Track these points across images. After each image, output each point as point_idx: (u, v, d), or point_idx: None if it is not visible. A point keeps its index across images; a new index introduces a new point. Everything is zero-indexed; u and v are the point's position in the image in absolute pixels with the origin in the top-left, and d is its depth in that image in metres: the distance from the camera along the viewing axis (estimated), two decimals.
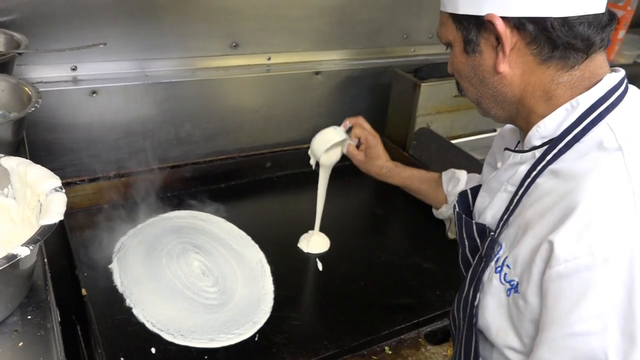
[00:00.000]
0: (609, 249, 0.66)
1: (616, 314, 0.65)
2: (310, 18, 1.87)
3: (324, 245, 1.54)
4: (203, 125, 1.80)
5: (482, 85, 0.85)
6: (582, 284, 0.67)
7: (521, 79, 0.80)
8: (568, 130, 0.77)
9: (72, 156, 1.61)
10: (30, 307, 0.82)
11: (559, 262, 0.69)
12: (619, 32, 2.14)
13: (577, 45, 0.75)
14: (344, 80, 2.01)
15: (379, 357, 1.22)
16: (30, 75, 1.51)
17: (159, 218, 1.55)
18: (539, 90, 0.79)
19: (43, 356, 0.74)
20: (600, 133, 0.75)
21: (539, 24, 0.74)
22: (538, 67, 0.78)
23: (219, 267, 1.40)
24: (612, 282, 0.65)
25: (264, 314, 1.28)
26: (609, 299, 0.66)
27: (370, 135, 1.47)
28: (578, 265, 0.67)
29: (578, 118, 0.76)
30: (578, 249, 0.67)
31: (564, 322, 0.68)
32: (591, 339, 0.67)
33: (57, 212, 0.76)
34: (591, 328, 0.67)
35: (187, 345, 1.16)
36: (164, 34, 1.65)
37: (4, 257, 0.67)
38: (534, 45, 0.76)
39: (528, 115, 0.83)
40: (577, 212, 0.68)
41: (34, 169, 0.86)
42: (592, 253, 0.66)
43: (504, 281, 0.81)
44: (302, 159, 1.94)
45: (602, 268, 0.66)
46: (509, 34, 0.76)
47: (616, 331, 0.65)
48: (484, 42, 0.80)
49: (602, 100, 0.76)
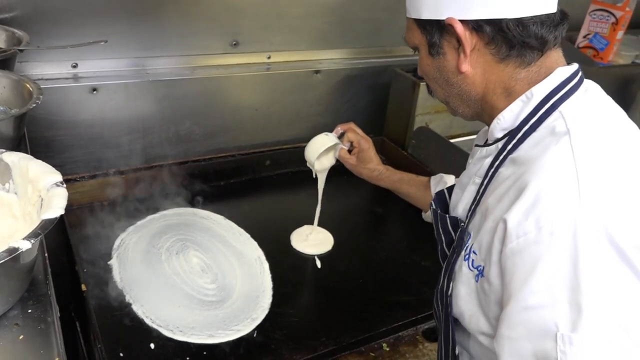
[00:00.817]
0: (554, 223, 0.68)
1: (564, 285, 0.67)
2: (311, 17, 1.88)
3: (325, 244, 1.54)
4: (203, 123, 1.81)
5: (447, 85, 0.89)
6: (531, 259, 0.70)
7: (482, 77, 0.85)
8: (525, 120, 0.81)
9: (72, 153, 1.62)
10: (30, 301, 0.82)
11: (512, 240, 0.72)
12: (617, 32, 2.15)
13: (531, 44, 0.80)
14: (343, 79, 2.01)
15: (376, 353, 1.23)
16: (31, 72, 1.52)
17: (158, 215, 1.55)
18: (500, 87, 0.84)
19: (43, 349, 0.75)
20: (554, 121, 0.79)
21: (496, 25, 0.79)
22: (497, 65, 0.83)
23: (218, 264, 1.41)
24: (558, 255, 0.68)
25: (263, 311, 1.29)
26: (556, 271, 0.68)
27: (362, 139, 1.50)
28: (527, 241, 0.70)
29: (534, 109, 0.81)
30: (527, 225, 0.70)
31: (518, 297, 0.71)
32: (543, 311, 0.68)
33: (58, 207, 0.77)
34: (542, 301, 0.68)
35: (186, 341, 1.17)
36: (164, 32, 1.66)
37: (5, 251, 0.68)
38: (492, 45, 0.81)
39: (491, 111, 0.87)
40: (526, 191, 0.72)
41: (35, 164, 0.87)
42: (540, 228, 0.69)
43: (472, 267, 0.84)
44: (302, 157, 1.94)
45: (548, 242, 0.68)
46: (468, 35, 0.81)
47: (565, 302, 0.67)
48: (447, 45, 0.85)
49: (556, 90, 0.80)
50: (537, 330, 0.69)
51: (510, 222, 0.72)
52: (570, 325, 0.66)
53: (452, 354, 0.93)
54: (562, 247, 0.67)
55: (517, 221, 0.71)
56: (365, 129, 2.11)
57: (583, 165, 0.71)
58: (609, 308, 0.66)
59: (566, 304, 0.67)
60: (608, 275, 0.66)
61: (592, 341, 0.65)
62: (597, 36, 2.19)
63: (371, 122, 2.12)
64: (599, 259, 0.66)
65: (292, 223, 1.61)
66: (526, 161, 0.77)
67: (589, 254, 0.66)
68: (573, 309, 0.66)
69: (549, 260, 0.68)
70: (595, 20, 2.19)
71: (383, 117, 2.09)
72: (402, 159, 1.99)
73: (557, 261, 0.68)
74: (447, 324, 0.92)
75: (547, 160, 0.73)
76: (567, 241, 0.67)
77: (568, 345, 0.66)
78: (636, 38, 2.42)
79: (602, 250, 0.66)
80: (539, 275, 0.69)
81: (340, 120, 2.06)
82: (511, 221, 0.72)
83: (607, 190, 0.69)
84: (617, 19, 2.13)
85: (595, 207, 0.68)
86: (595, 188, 0.69)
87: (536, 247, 0.69)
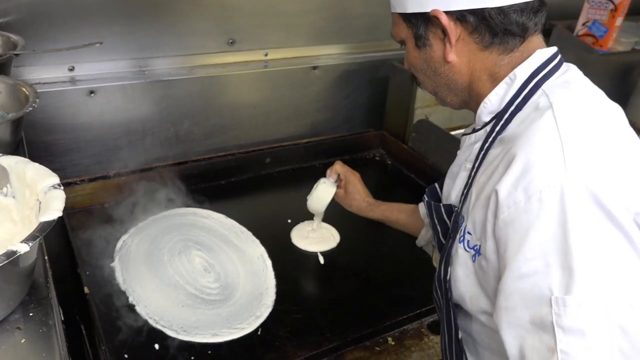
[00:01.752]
0: (542, 190, 0.70)
1: (555, 250, 0.68)
2: (307, 13, 1.87)
3: (329, 242, 1.53)
4: (202, 122, 1.80)
5: (435, 76, 0.92)
6: (522, 227, 0.71)
7: (468, 65, 0.88)
8: (511, 101, 0.84)
9: (71, 156, 1.62)
10: (31, 304, 0.82)
11: (503, 211, 0.73)
12: (616, 19, 2.13)
13: (513, 31, 0.83)
14: (341, 75, 2.01)
15: (382, 348, 1.23)
16: (27, 77, 1.52)
17: (159, 216, 1.55)
18: (485, 74, 0.87)
19: (46, 352, 0.75)
20: (538, 98, 0.82)
21: (478, 15, 0.82)
22: (482, 53, 0.86)
23: (220, 263, 1.41)
24: (548, 221, 0.69)
25: (267, 308, 1.28)
26: (547, 237, 0.69)
27: (349, 172, 1.51)
28: (518, 210, 0.72)
29: (518, 89, 0.84)
30: (517, 195, 0.72)
31: (512, 266, 0.72)
32: (536, 278, 0.70)
33: (55, 209, 0.76)
34: (535, 267, 0.70)
35: (190, 341, 1.17)
36: (161, 32, 1.65)
37: (3, 254, 0.68)
38: (476, 34, 0.84)
39: (478, 98, 0.90)
40: (514, 162, 0.74)
41: (32, 167, 0.86)
42: (529, 197, 0.71)
43: (468, 248, 0.85)
44: (302, 154, 1.95)
45: (537, 209, 0.70)
46: (453, 26, 0.84)
47: (557, 267, 0.68)
48: (433, 36, 0.88)
49: (538, 70, 0.84)
50: (532, 297, 0.70)
51: (501, 194, 0.74)
52: (563, 288, 0.67)
53: (455, 339, 0.93)
54: (551, 213, 0.69)
55: (507, 192, 0.73)
56: (364, 123, 2.12)
57: (567, 134, 0.73)
58: (600, 268, 0.67)
59: (558, 268, 0.68)
60: (597, 236, 0.67)
61: (585, 301, 0.66)
62: (596, 23, 2.17)
63: (370, 116, 2.12)
64: (587, 221, 0.68)
65: (294, 220, 1.61)
66: (513, 138, 0.79)
67: (577, 217, 0.67)
68: (565, 272, 0.67)
69: (539, 227, 0.69)
70: (594, 7, 2.17)
71: (382, 111, 2.08)
72: (402, 152, 1.98)
73: (547, 227, 0.69)
74: (449, 310, 0.92)
75: (532, 133, 0.76)
76: (555, 207, 0.68)
77: (562, 307, 0.67)
78: (635, 24, 2.39)
79: (589, 212, 0.68)
80: (531, 242, 0.70)
81: (339, 115, 2.06)
82: (502, 192, 0.74)
83: (591, 155, 0.71)
84: (615, 6, 2.11)
85: (580, 172, 0.69)
86: (579, 154, 0.71)
87: (526, 215, 0.70)
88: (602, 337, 0.66)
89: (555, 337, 0.67)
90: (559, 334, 0.67)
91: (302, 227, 1.57)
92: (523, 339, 0.72)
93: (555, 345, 0.67)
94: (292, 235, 1.55)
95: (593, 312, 0.66)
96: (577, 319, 0.66)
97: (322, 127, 2.03)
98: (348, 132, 2.07)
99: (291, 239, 1.54)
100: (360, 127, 2.11)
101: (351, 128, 2.09)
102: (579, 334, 0.66)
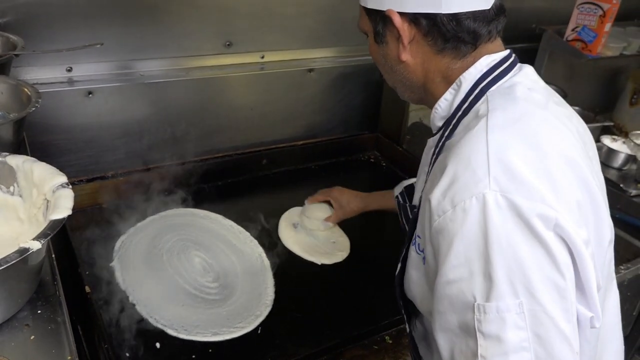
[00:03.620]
0: (466, 200, 0.72)
1: (477, 258, 0.70)
2: (303, 16, 1.89)
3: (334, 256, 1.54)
4: (199, 123, 1.81)
5: (392, 72, 0.94)
6: (449, 235, 0.73)
7: (422, 67, 0.89)
8: (458, 107, 0.86)
9: (69, 157, 1.62)
10: (39, 302, 0.83)
11: (435, 219, 0.76)
12: (605, 25, 2.18)
13: (464, 38, 0.84)
14: (337, 77, 2.02)
15: (379, 346, 1.25)
16: (25, 77, 1.52)
17: (158, 216, 1.56)
18: (438, 76, 0.89)
19: (55, 349, 0.76)
20: (480, 104, 0.83)
21: (431, 20, 0.83)
22: (435, 56, 0.87)
23: (219, 263, 1.42)
24: (470, 230, 0.71)
25: (266, 307, 1.30)
26: (470, 246, 0.71)
27: (331, 191, 1.58)
28: (445, 219, 0.74)
29: (465, 95, 0.85)
30: (444, 204, 0.74)
31: (441, 272, 0.74)
32: (462, 284, 0.72)
33: (65, 207, 0.77)
34: (460, 275, 0.72)
35: (191, 340, 1.18)
36: (158, 34, 1.66)
37: (16, 251, 0.69)
38: (429, 37, 0.85)
39: (433, 98, 0.92)
40: (445, 172, 0.76)
41: (39, 166, 0.87)
42: (454, 206, 0.73)
43: (418, 251, 0.87)
44: (298, 156, 1.97)
45: (461, 219, 0.72)
46: (407, 27, 0.85)
47: (479, 274, 0.70)
48: (389, 34, 0.89)
49: (484, 76, 0.85)
50: (458, 303, 0.73)
51: (432, 202, 0.76)
52: (485, 296, 0.70)
53: (410, 334, 0.99)
54: (473, 222, 0.71)
55: (437, 201, 0.75)
56: (359, 125, 2.14)
57: (493, 145, 0.74)
58: (517, 277, 0.69)
59: (480, 276, 0.70)
60: (516, 246, 0.69)
61: (502, 309, 0.68)
62: (586, 29, 2.22)
63: (365, 118, 2.14)
64: (506, 232, 0.69)
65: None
66: (451, 146, 0.81)
67: (496, 227, 0.69)
68: (486, 280, 0.70)
69: (463, 236, 0.72)
70: (583, 13, 2.21)
71: (377, 114, 2.11)
72: (397, 154, 2.01)
73: (470, 236, 0.71)
74: (407, 307, 0.96)
75: (463, 143, 0.77)
76: (477, 217, 0.71)
77: (482, 313, 0.70)
78: (623, 30, 2.44)
79: (509, 223, 0.69)
80: (456, 250, 0.72)
81: (335, 117, 2.08)
82: (433, 201, 0.76)
83: (514, 167, 0.72)
84: (604, 12, 2.15)
85: (502, 183, 0.71)
86: (503, 166, 0.72)
87: (452, 224, 0.73)
88: (518, 344, 0.68)
89: (477, 342, 0.70)
90: (480, 339, 0.70)
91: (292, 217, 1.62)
92: (453, 343, 0.75)
93: (477, 350, 0.70)
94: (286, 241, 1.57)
95: (510, 319, 0.68)
96: (494, 325, 0.69)
97: (317, 129, 2.04)
98: (343, 134, 2.09)
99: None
100: (355, 129, 2.13)
101: (346, 130, 2.11)
102: (496, 340, 0.69)
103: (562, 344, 0.69)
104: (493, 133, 0.75)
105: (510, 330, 0.68)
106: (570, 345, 0.69)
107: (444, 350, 0.77)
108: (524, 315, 0.68)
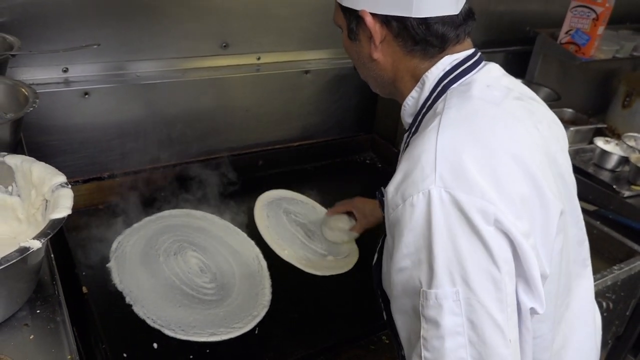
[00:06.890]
0: (413, 195, 0.77)
1: (424, 248, 0.76)
2: (299, 17, 1.89)
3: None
4: (195, 125, 1.81)
5: (364, 68, 0.98)
6: (400, 227, 0.79)
7: (392, 65, 0.93)
8: (423, 104, 0.91)
9: (65, 158, 1.61)
10: (38, 301, 0.83)
11: (389, 212, 0.81)
12: (598, 28, 2.20)
13: (432, 42, 0.88)
14: (332, 79, 2.03)
15: (376, 346, 1.25)
16: (22, 78, 1.51)
17: (154, 217, 1.56)
18: (407, 75, 0.93)
19: (55, 348, 0.76)
20: (440, 103, 0.88)
21: (401, 23, 0.87)
22: (405, 56, 0.91)
23: (216, 264, 1.42)
24: (417, 223, 0.76)
25: (263, 308, 1.30)
26: (417, 237, 0.77)
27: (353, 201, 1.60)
28: (397, 212, 0.79)
29: (429, 93, 0.90)
30: (397, 198, 0.79)
31: (394, 260, 0.80)
32: (410, 272, 0.78)
33: (65, 207, 0.78)
34: (409, 263, 0.78)
35: (188, 340, 1.18)
36: (154, 35, 1.66)
37: (16, 250, 0.69)
38: (400, 39, 0.89)
39: (402, 95, 0.96)
40: (399, 168, 0.82)
41: (38, 166, 0.87)
42: (404, 201, 0.78)
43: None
44: (294, 157, 1.97)
45: (410, 212, 0.77)
46: (378, 28, 0.89)
47: (425, 263, 0.76)
48: (362, 33, 0.92)
49: (446, 74, 0.89)
50: (409, 288, 0.79)
51: (387, 196, 0.82)
52: (428, 283, 0.76)
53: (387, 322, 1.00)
54: (420, 216, 0.76)
55: (391, 195, 0.81)
56: (355, 127, 2.15)
57: (442, 143, 0.78)
58: (455, 267, 0.74)
59: (425, 264, 0.76)
60: (455, 238, 0.74)
61: (441, 296, 0.74)
62: (579, 32, 2.24)
63: (361, 120, 2.15)
64: (447, 225, 0.74)
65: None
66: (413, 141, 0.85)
67: (439, 220, 0.75)
68: (430, 268, 0.75)
69: (412, 228, 0.77)
70: (576, 16, 2.23)
71: (373, 115, 2.12)
72: (392, 155, 2.01)
73: (417, 228, 0.76)
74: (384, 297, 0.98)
75: (418, 140, 0.82)
76: (423, 211, 0.76)
77: (425, 299, 0.76)
78: (616, 33, 2.47)
79: (450, 217, 0.74)
80: (406, 241, 0.78)
81: (331, 118, 2.09)
82: (388, 195, 0.81)
83: (460, 164, 0.76)
84: (597, 15, 2.18)
85: (447, 180, 0.75)
86: (449, 163, 0.76)
87: (402, 217, 0.78)
88: (453, 329, 0.74)
89: (421, 324, 0.76)
90: (422, 322, 0.76)
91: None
92: (409, 324, 0.82)
93: (420, 332, 0.77)
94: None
95: (446, 306, 0.74)
96: (433, 311, 0.75)
97: (313, 130, 2.05)
98: (339, 136, 2.10)
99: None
100: (351, 131, 2.13)
101: (342, 131, 2.11)
102: (434, 324, 0.75)
103: (493, 331, 0.74)
104: (443, 132, 0.80)
105: (447, 315, 0.74)
106: (502, 332, 0.74)
107: (402, 331, 0.84)
108: (459, 303, 0.74)
